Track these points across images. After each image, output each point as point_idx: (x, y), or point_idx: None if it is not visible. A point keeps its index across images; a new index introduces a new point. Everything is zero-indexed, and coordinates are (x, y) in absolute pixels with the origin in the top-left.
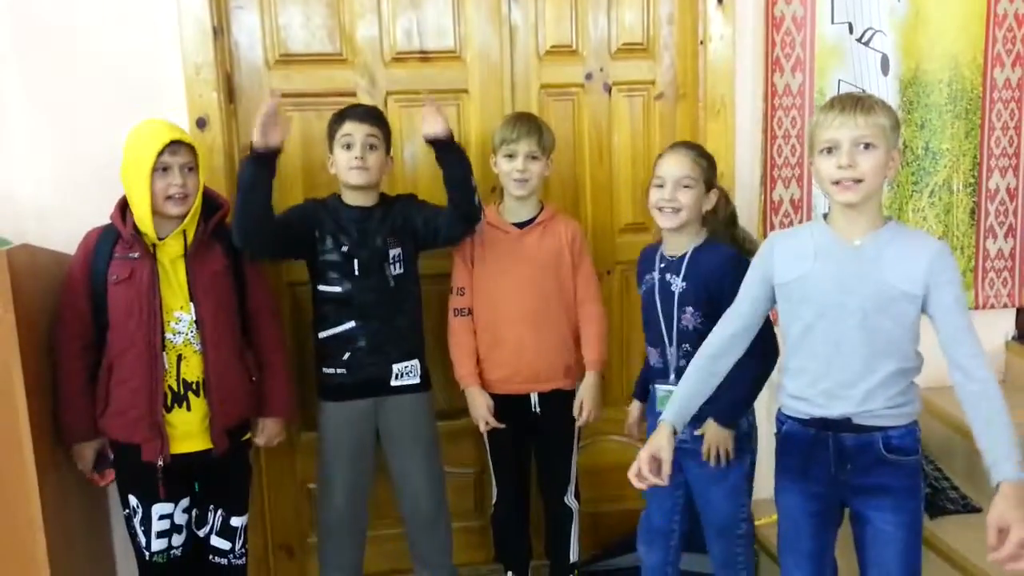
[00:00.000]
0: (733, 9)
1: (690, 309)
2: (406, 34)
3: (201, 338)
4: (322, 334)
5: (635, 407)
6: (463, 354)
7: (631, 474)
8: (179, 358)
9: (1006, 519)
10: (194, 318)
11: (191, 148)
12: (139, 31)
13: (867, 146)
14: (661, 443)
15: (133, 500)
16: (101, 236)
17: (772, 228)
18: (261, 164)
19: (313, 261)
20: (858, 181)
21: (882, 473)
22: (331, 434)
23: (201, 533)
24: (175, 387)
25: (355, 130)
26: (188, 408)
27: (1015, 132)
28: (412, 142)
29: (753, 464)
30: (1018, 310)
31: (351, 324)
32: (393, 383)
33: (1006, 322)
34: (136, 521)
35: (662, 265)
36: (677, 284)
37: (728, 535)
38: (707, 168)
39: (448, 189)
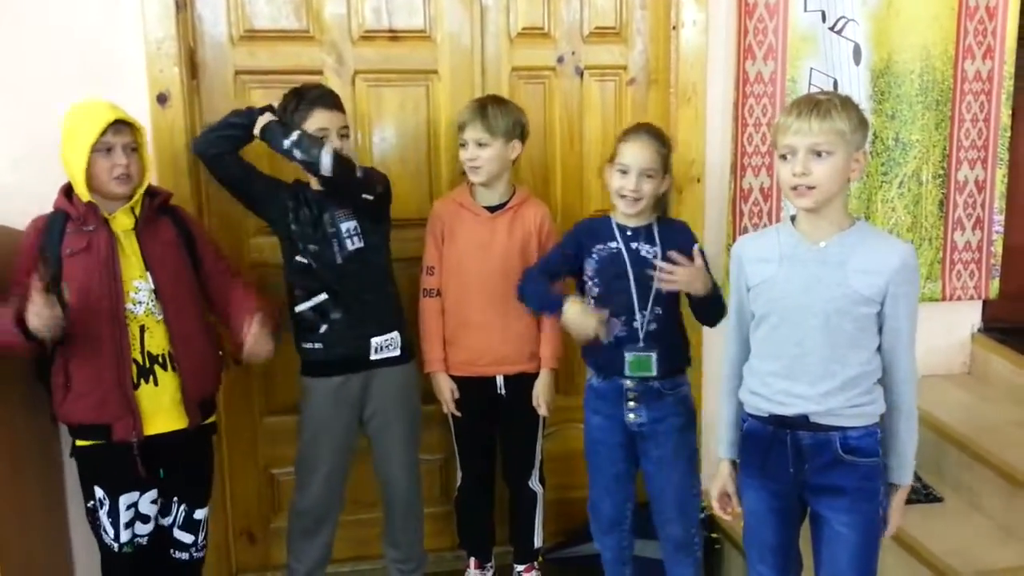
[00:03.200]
0: None
1: None
2: (375, 12)
3: (162, 307)
4: (297, 308)
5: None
6: (430, 338)
7: (717, 510)
8: (142, 329)
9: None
10: (152, 287)
11: (134, 128)
12: (99, 4)
13: (822, 153)
14: (727, 480)
15: (99, 492)
16: (50, 219)
17: (742, 216)
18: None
19: (287, 233)
20: (811, 188)
21: (838, 474)
22: (314, 413)
23: (165, 522)
24: (141, 360)
25: (330, 122)
26: (156, 383)
27: (984, 124)
28: (380, 123)
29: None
30: (984, 302)
31: (323, 296)
32: (373, 357)
33: (973, 314)
34: (103, 513)
35: (628, 235)
36: (650, 251)
37: (688, 514)
38: (667, 156)
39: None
